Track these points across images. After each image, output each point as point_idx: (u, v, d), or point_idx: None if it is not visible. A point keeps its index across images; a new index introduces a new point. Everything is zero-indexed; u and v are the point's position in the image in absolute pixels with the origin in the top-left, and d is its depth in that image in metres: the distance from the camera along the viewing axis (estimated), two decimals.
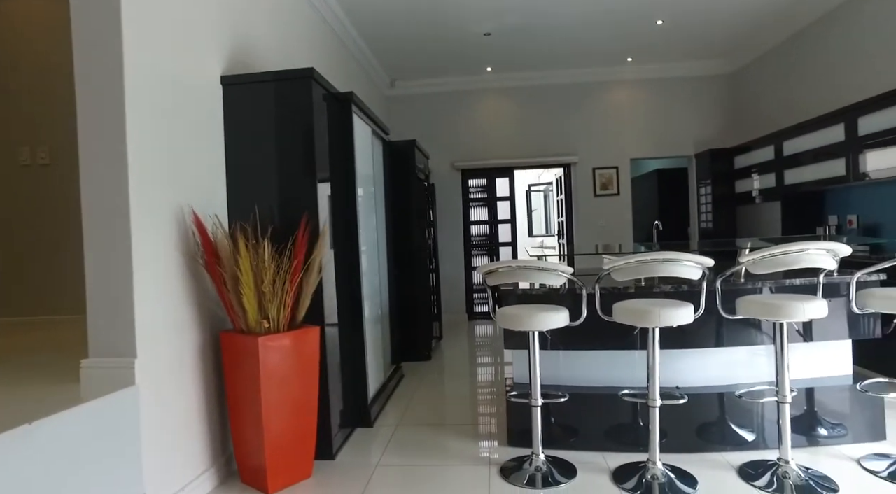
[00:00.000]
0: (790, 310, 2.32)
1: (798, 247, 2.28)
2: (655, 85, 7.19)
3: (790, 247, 2.28)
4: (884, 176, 4.25)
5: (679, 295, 2.75)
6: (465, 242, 7.51)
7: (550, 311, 2.54)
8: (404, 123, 7.34)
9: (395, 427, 3.45)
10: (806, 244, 2.30)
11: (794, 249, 2.28)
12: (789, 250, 2.29)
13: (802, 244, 2.30)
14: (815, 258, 2.32)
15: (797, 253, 2.29)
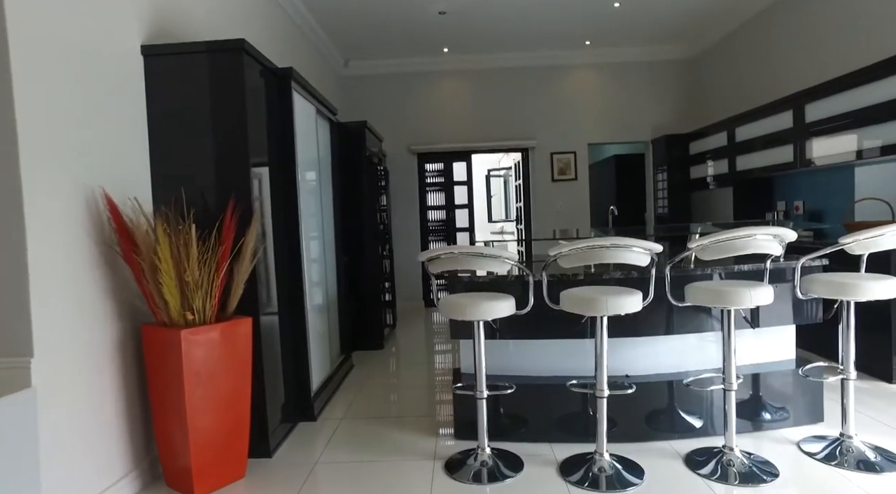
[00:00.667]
0: (737, 297, 2.28)
1: (745, 232, 2.23)
2: (613, 69, 7.14)
3: (737, 232, 2.23)
4: (828, 163, 4.31)
5: (629, 281, 2.68)
6: (421, 227, 7.36)
7: (495, 300, 2.43)
8: (360, 105, 7.09)
9: (339, 421, 3.31)
10: (753, 229, 2.25)
11: (741, 234, 2.23)
12: (736, 235, 2.23)
13: (749, 229, 2.24)
14: (762, 243, 2.28)
15: (744, 238, 2.23)
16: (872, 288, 2.36)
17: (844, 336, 2.55)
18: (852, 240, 2.37)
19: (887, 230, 2.39)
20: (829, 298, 2.51)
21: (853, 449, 2.52)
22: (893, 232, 2.39)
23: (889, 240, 2.41)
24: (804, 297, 2.56)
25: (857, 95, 3.95)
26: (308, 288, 3.43)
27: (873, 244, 2.39)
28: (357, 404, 3.62)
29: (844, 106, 4.07)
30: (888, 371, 3.58)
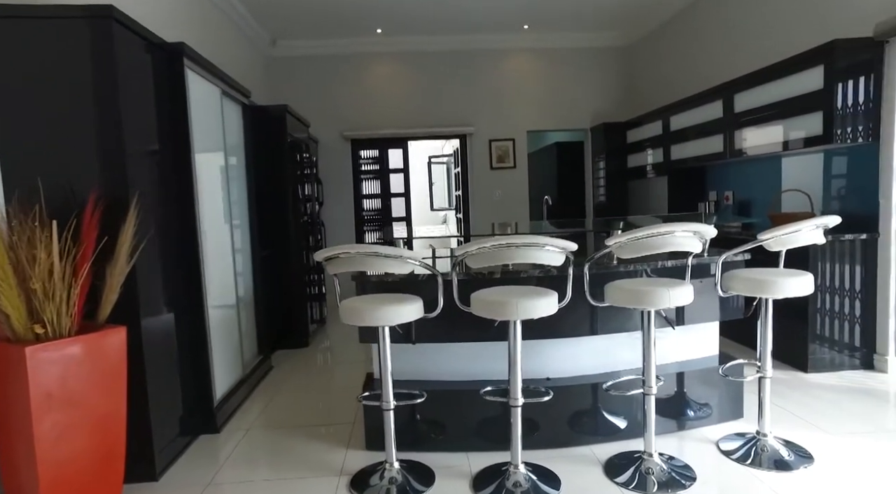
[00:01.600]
0: (655, 298, 2.14)
1: (664, 229, 2.09)
2: (552, 55, 7.00)
3: (656, 229, 2.09)
4: (756, 153, 4.30)
5: (548, 280, 2.51)
6: (356, 217, 7.06)
7: (399, 303, 2.21)
8: (289, 88, 6.69)
9: (246, 432, 3.03)
10: (672, 226, 2.12)
11: (659, 232, 2.09)
12: (655, 233, 2.09)
13: (669, 226, 2.11)
14: (682, 241, 2.15)
15: (663, 235, 2.10)
16: (789, 286, 2.28)
17: (762, 333, 2.48)
18: (770, 236, 2.28)
19: (804, 226, 2.31)
20: (749, 295, 2.42)
21: (767, 448, 2.47)
22: (810, 228, 2.32)
23: (806, 236, 2.34)
24: (725, 294, 2.46)
25: (781, 87, 3.92)
26: (213, 286, 3.13)
27: (790, 240, 2.31)
28: (269, 411, 3.35)
29: (769, 97, 4.05)
30: (804, 361, 3.60)
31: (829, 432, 2.70)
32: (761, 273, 2.40)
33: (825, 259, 3.57)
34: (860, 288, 3.60)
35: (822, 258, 3.56)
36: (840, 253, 3.57)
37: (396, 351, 2.71)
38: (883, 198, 3.49)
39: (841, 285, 3.59)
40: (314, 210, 5.68)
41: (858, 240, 3.56)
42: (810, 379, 3.47)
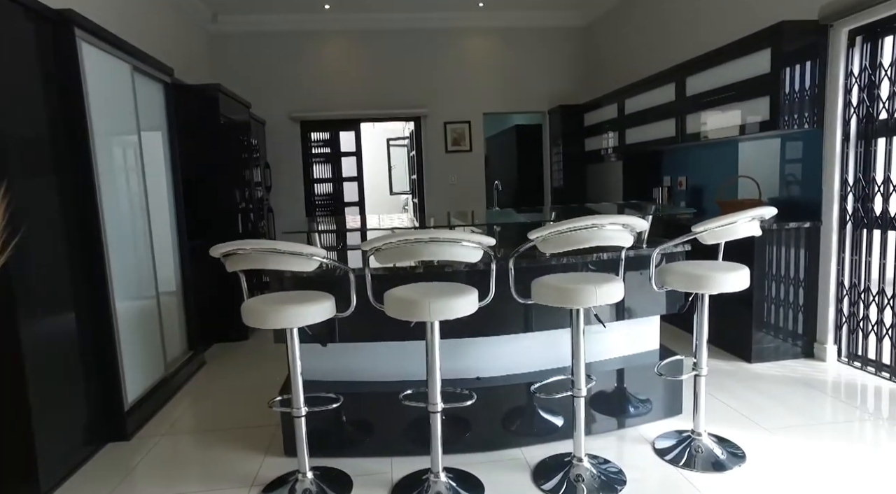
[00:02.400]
0: (581, 296, 2.00)
1: (589, 222, 1.94)
2: (509, 35, 6.79)
3: (580, 222, 1.93)
4: (708, 138, 4.20)
5: (474, 275, 2.35)
6: (307, 202, 6.79)
7: (306, 303, 2.02)
8: (232, 66, 6.34)
9: (160, 438, 2.82)
10: (599, 218, 1.97)
11: (584, 225, 1.94)
12: (579, 226, 1.94)
13: (595, 218, 1.96)
14: (611, 234, 2.00)
15: (589, 229, 1.94)
16: (725, 280, 2.17)
17: (698, 329, 2.37)
18: (703, 229, 2.15)
19: (739, 218, 2.19)
20: (684, 291, 2.31)
21: (702, 448, 2.39)
22: (746, 220, 2.20)
23: (742, 228, 2.22)
24: (660, 289, 2.34)
25: (731, 70, 3.81)
26: (123, 280, 2.88)
27: (725, 233, 2.19)
28: (192, 413, 3.14)
29: (720, 80, 3.93)
30: (748, 351, 3.55)
31: (765, 427, 2.64)
32: (697, 267, 2.28)
33: (771, 246, 3.50)
34: (803, 277, 3.56)
35: (769, 245, 3.49)
36: (786, 240, 3.51)
37: (318, 350, 2.53)
38: (825, 186, 3.43)
39: (786, 273, 3.54)
40: (258, 195, 5.41)
41: (802, 228, 3.50)
42: (753, 370, 3.43)
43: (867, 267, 3.30)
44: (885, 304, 3.18)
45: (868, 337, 3.31)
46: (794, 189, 3.68)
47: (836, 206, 3.41)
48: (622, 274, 2.24)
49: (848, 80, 3.28)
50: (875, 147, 3.20)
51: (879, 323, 3.23)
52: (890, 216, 3.12)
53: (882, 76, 3.11)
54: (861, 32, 3.19)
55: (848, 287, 3.41)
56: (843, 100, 3.31)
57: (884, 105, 3.11)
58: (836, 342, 3.49)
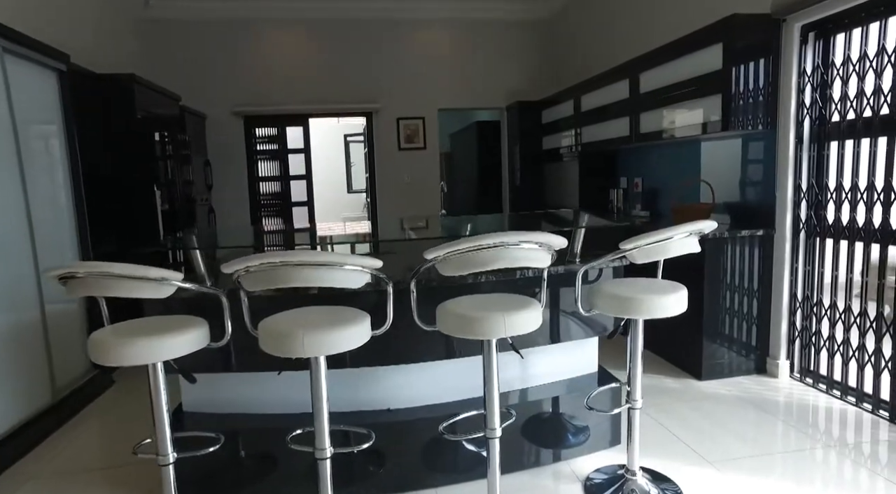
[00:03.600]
0: (486, 327, 1.72)
1: (494, 240, 1.65)
2: (467, 27, 6.48)
3: (485, 240, 1.65)
4: (661, 137, 3.96)
5: (371, 298, 2.04)
6: (251, 202, 6.40)
7: (171, 333, 1.70)
8: (167, 57, 5.90)
9: (25, 481, 2.46)
10: (508, 236, 1.69)
11: (489, 243, 1.65)
12: (483, 244, 1.65)
13: (504, 236, 1.68)
14: (523, 254, 1.72)
15: (494, 248, 1.66)
16: (658, 305, 1.91)
17: (631, 359, 2.11)
18: (632, 246, 1.89)
19: (676, 233, 1.93)
20: (613, 315, 2.05)
21: (636, 489, 2.14)
22: (682, 235, 1.94)
23: (678, 245, 1.96)
24: (587, 313, 2.07)
25: (684, 66, 3.57)
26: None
27: (658, 251, 1.93)
28: (77, 447, 2.78)
29: (674, 76, 3.70)
30: (698, 367, 3.34)
31: (710, 460, 2.41)
32: (629, 287, 2.01)
33: (724, 254, 3.28)
34: (758, 287, 3.35)
35: (722, 253, 3.27)
36: (740, 248, 3.30)
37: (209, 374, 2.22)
38: (778, 192, 3.22)
39: (740, 283, 3.32)
40: (192, 195, 5.03)
41: (755, 236, 3.29)
42: (702, 389, 3.21)
43: (820, 279, 3.10)
44: (836, 319, 2.99)
45: (820, 353, 3.12)
46: (751, 193, 3.47)
47: (789, 213, 3.20)
48: (544, 297, 1.96)
49: (801, 79, 3.07)
50: (828, 151, 2.99)
51: (831, 339, 3.03)
52: (842, 225, 2.91)
53: (834, 75, 2.90)
54: (814, 28, 2.97)
55: (801, 299, 3.21)
56: (795, 101, 3.10)
57: (836, 106, 2.90)
58: (788, 357, 3.29)
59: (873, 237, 2.74)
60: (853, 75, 2.79)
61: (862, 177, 2.80)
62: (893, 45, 2.55)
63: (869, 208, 2.76)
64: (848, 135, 2.86)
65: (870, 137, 2.72)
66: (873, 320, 2.77)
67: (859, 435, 2.64)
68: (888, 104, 2.61)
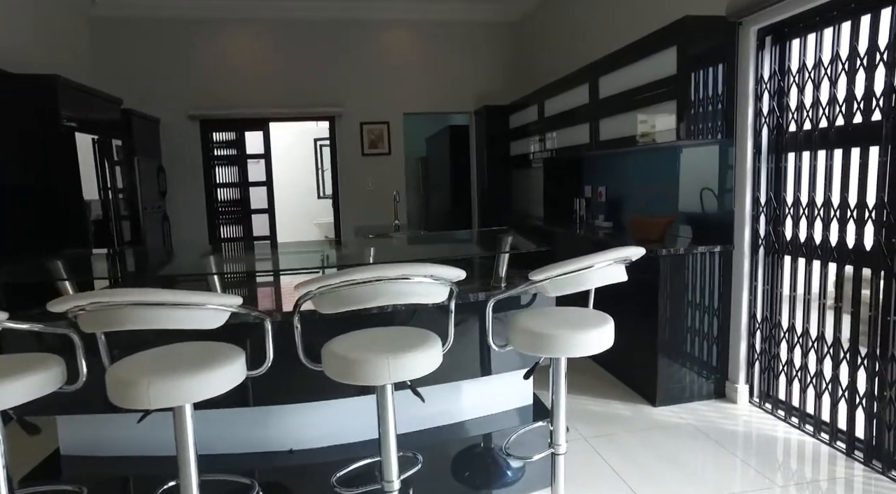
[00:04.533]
0: (368, 372, 1.50)
1: (370, 274, 1.43)
2: (434, 28, 6.27)
3: (361, 273, 1.43)
4: (618, 146, 3.77)
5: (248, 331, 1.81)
6: (209, 209, 6.15)
7: (8, 378, 1.46)
8: (117, 58, 5.65)
9: None
10: (389, 269, 1.47)
11: (364, 278, 1.43)
12: (358, 279, 1.43)
13: (382, 269, 1.46)
14: (410, 289, 1.50)
15: (370, 283, 1.44)
16: (579, 342, 1.69)
17: (555, 399, 1.90)
18: (543, 277, 1.68)
19: (597, 261, 1.72)
20: (527, 353, 1.83)
21: None
22: (604, 264, 1.73)
23: (601, 274, 1.75)
24: (500, 349, 1.86)
25: (641, 70, 3.38)
26: None
27: (575, 282, 1.72)
28: None
29: (631, 81, 3.50)
30: (653, 392, 3.13)
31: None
32: (545, 320, 1.80)
33: (682, 271, 3.07)
34: (718, 306, 3.15)
35: (679, 270, 3.06)
36: (700, 264, 3.09)
37: None
38: (737, 205, 3.03)
39: (701, 301, 3.12)
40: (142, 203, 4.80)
41: (712, 252, 3.09)
42: (655, 416, 3.00)
43: (779, 299, 2.91)
44: (794, 343, 2.79)
45: (779, 379, 2.93)
46: (711, 206, 3.27)
47: (747, 228, 3.01)
48: (451, 333, 1.75)
49: (759, 86, 2.88)
50: (785, 163, 2.80)
51: (789, 364, 2.84)
52: (800, 242, 2.72)
53: (791, 83, 2.71)
54: (770, 32, 2.78)
55: (760, 320, 3.01)
56: (753, 109, 2.91)
57: (793, 116, 2.71)
58: (748, 381, 3.09)
59: (830, 256, 2.54)
60: (809, 83, 2.60)
61: (819, 191, 2.61)
62: (847, 52, 2.36)
63: (826, 225, 2.56)
64: (805, 146, 2.67)
65: (826, 149, 2.53)
66: (830, 345, 2.58)
67: (816, 472, 2.45)
68: (843, 115, 2.42)
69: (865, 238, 2.38)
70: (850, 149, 2.40)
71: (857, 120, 2.36)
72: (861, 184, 2.36)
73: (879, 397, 2.35)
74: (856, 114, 2.35)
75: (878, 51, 2.24)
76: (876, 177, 2.28)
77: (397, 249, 2.72)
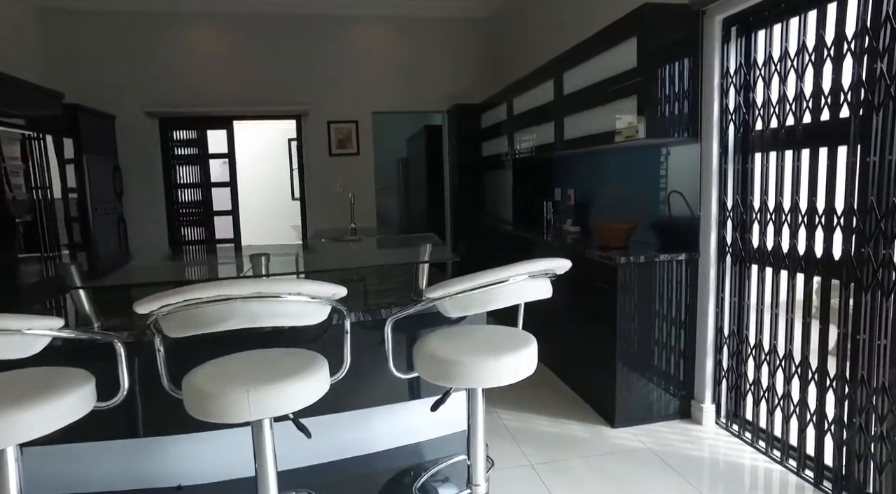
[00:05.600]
0: (224, 408, 1.25)
1: (216, 292, 1.19)
2: (404, 24, 6.03)
3: (203, 292, 1.18)
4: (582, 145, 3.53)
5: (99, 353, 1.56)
6: (168, 211, 5.88)
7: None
8: (70, 51, 5.38)
9: None
10: (240, 285, 1.22)
11: (210, 296, 1.19)
12: (202, 298, 1.18)
13: (231, 286, 1.21)
14: (272, 309, 1.26)
15: (222, 302, 1.19)
16: (489, 372, 1.45)
17: (471, 435, 1.65)
18: (442, 294, 1.43)
19: (512, 274, 1.48)
20: (432, 382, 1.58)
21: None
22: (521, 278, 1.49)
23: (517, 292, 1.50)
24: (403, 376, 1.61)
25: (602, 64, 3.15)
26: None
27: (477, 302, 1.47)
28: None
29: (593, 76, 3.27)
30: (612, 411, 2.89)
31: None
32: (455, 344, 1.56)
33: (644, 280, 2.83)
34: (685, 318, 2.92)
35: (642, 279, 2.82)
36: (666, 273, 2.86)
37: None
38: (702, 210, 2.80)
39: (667, 314, 2.89)
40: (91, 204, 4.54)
41: (676, 260, 2.86)
42: (613, 439, 2.76)
43: (746, 312, 2.68)
44: (761, 360, 2.56)
45: (746, 398, 2.69)
46: (677, 210, 3.03)
47: (713, 235, 2.78)
48: (347, 357, 1.50)
49: (724, 81, 2.65)
50: (752, 164, 2.57)
51: (756, 384, 2.60)
52: (767, 250, 2.49)
53: (757, 77, 2.48)
54: (735, 22, 2.55)
55: (727, 335, 2.78)
56: (719, 105, 2.68)
57: (759, 112, 2.48)
58: (714, 401, 2.86)
59: (797, 265, 2.31)
60: (775, 77, 2.37)
61: (787, 194, 2.38)
62: (813, 43, 2.13)
63: (793, 232, 2.33)
64: (772, 146, 2.44)
65: (793, 149, 2.30)
66: (798, 364, 2.35)
67: None
68: (810, 111, 2.19)
69: (834, 246, 2.15)
70: (817, 148, 2.17)
71: (824, 116, 2.13)
72: (829, 187, 2.13)
73: (849, 423, 2.12)
74: (823, 110, 2.13)
75: (845, 40, 2.01)
76: (844, 179, 2.05)
77: (318, 257, 2.47)
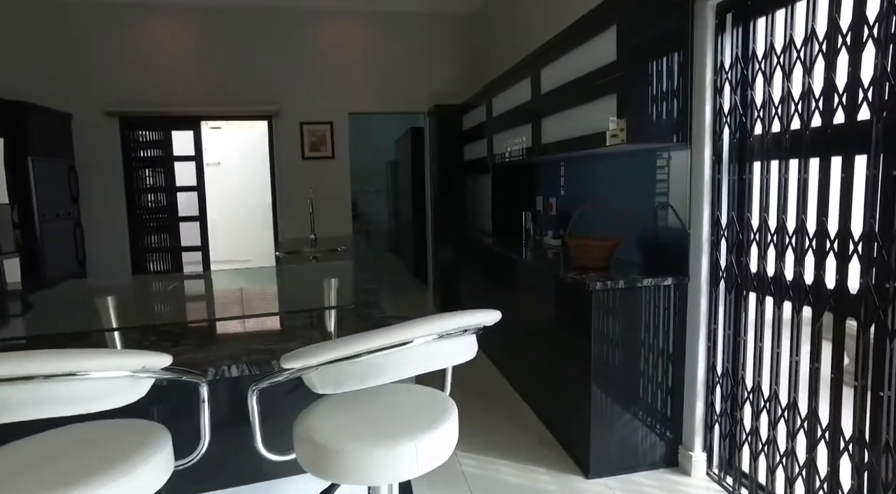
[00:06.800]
0: None
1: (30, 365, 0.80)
2: (383, 20, 5.65)
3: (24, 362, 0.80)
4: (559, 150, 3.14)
5: None
6: (130, 216, 5.51)
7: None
8: (21, 45, 5.02)
9: None
10: (59, 359, 0.83)
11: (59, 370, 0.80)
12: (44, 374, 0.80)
13: (48, 360, 0.82)
14: (93, 390, 0.87)
15: (57, 379, 0.81)
16: (381, 464, 1.06)
17: None
18: (301, 365, 1.03)
19: (416, 335, 1.08)
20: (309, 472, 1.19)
21: None
22: (426, 340, 1.09)
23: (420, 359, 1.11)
24: (276, 457, 1.22)
25: (581, 58, 2.76)
26: None
27: (356, 376, 1.07)
28: None
29: (571, 72, 2.88)
30: (586, 458, 2.50)
31: None
32: (350, 417, 1.17)
33: (626, 309, 2.44)
34: (672, 352, 2.52)
35: (622, 308, 2.43)
36: (653, 300, 2.46)
37: None
38: (693, 227, 2.40)
39: (651, 346, 2.49)
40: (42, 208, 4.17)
41: (662, 285, 2.46)
42: (585, 492, 2.36)
43: (742, 348, 2.28)
44: (760, 408, 2.16)
45: (742, 449, 2.29)
46: (668, 225, 2.63)
47: (705, 257, 2.38)
48: (205, 431, 1.11)
49: (718, 77, 2.25)
50: (750, 174, 2.17)
51: (754, 434, 2.20)
52: (768, 277, 2.09)
53: (756, 72, 2.08)
54: (731, 8, 2.16)
55: (720, 373, 2.38)
56: (712, 105, 2.28)
57: (759, 114, 2.08)
58: (705, 448, 2.46)
59: (804, 297, 1.92)
60: (778, 71, 1.97)
61: (791, 212, 1.98)
62: (825, 30, 1.74)
63: (799, 258, 1.93)
64: (774, 153, 2.04)
65: (799, 158, 1.90)
66: (805, 418, 1.95)
67: None
68: (820, 112, 1.79)
69: (850, 278, 1.76)
70: (829, 157, 1.78)
71: (838, 119, 1.73)
72: (844, 205, 1.73)
73: None
74: (837, 111, 1.73)
75: (865, 24, 1.62)
76: (863, 196, 1.66)
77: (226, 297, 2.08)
